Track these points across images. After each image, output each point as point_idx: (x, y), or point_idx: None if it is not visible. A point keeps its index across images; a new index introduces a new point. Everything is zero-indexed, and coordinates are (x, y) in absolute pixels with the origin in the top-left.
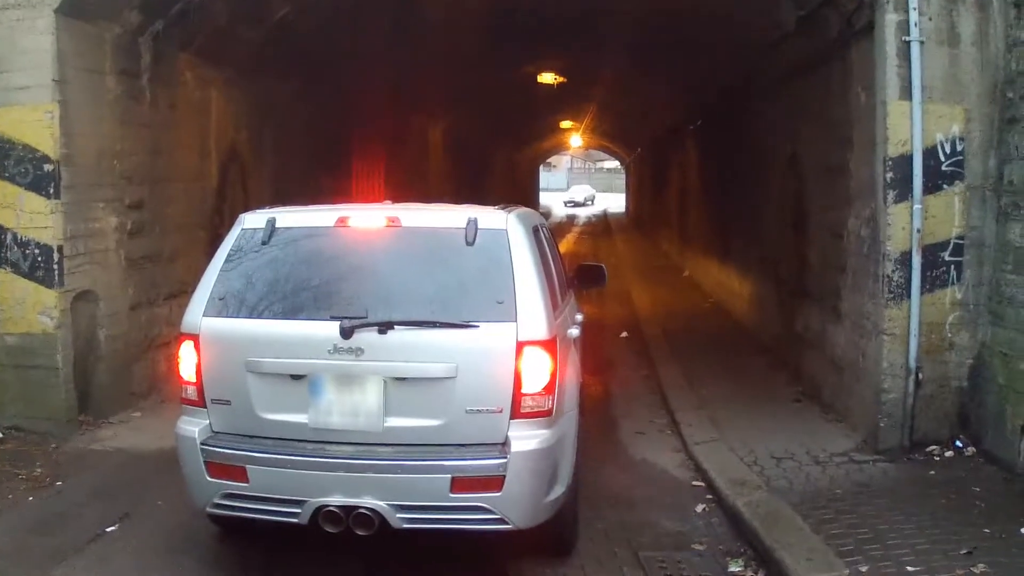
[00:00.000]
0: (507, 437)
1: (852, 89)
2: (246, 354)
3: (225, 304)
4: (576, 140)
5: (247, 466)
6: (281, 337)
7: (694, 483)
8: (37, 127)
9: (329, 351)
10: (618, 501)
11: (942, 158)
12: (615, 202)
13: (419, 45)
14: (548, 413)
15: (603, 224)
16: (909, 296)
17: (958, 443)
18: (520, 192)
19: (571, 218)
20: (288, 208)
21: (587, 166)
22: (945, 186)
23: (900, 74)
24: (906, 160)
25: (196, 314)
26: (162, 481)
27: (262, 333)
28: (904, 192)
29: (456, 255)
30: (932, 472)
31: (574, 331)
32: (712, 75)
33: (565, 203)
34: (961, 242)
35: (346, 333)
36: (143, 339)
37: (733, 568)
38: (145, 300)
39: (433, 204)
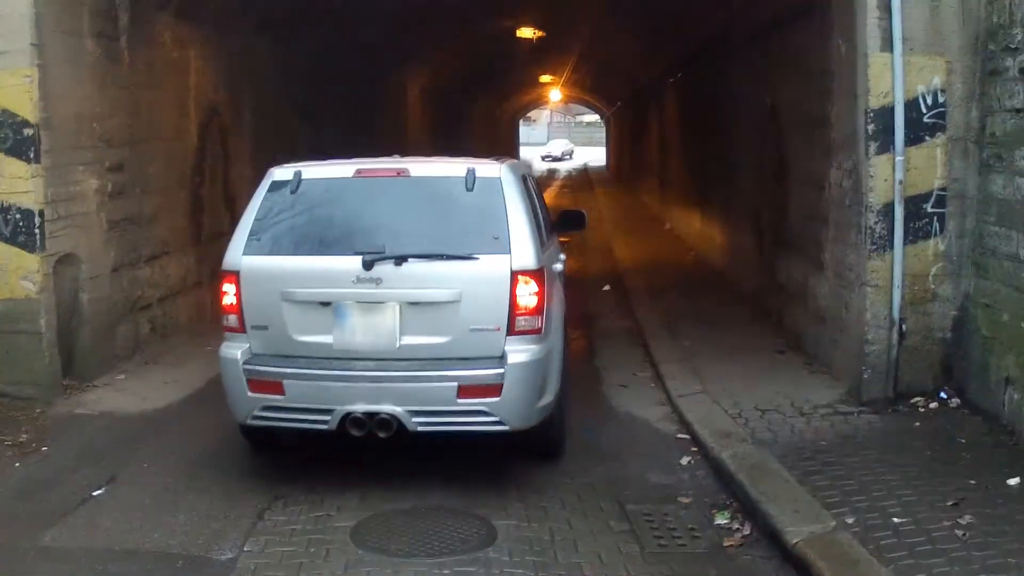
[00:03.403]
0: (504, 351)
1: (832, 41)
2: (281, 286)
3: (261, 245)
4: (556, 94)
5: (283, 381)
6: (311, 270)
7: (679, 436)
8: (16, 92)
9: (352, 281)
10: (603, 454)
11: (924, 110)
12: (595, 156)
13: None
14: (538, 331)
15: (584, 178)
16: (892, 247)
17: (942, 394)
18: (499, 147)
19: (551, 172)
20: (311, 163)
21: (567, 120)
22: (927, 138)
23: (881, 26)
24: (888, 112)
25: (236, 254)
26: (148, 443)
27: (295, 268)
28: (886, 144)
29: (458, 199)
30: (917, 423)
31: (558, 266)
32: (692, 27)
33: (543, 157)
34: (943, 194)
35: (367, 265)
36: (126, 301)
37: (719, 520)
38: (127, 262)
39: (435, 157)
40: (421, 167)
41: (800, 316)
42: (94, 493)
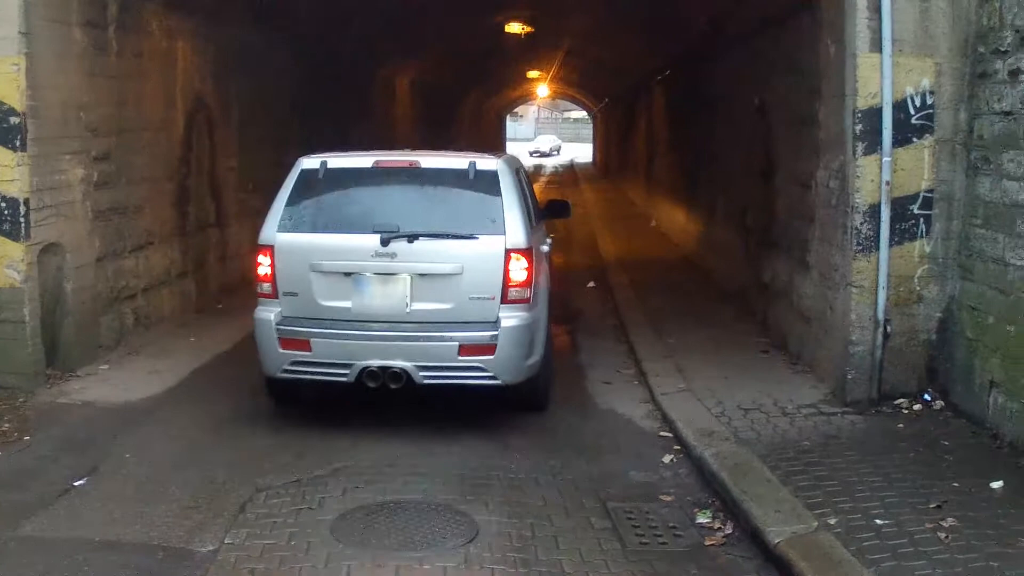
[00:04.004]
0: (498, 317)
1: (822, 40)
2: (309, 258)
3: (293, 223)
4: (543, 90)
5: (311, 339)
6: (336, 246)
7: (661, 434)
8: (3, 80)
9: (371, 255)
10: (585, 451)
11: (912, 111)
12: (582, 152)
13: None
14: (527, 301)
15: (570, 174)
16: (878, 248)
17: (926, 396)
18: (487, 142)
19: (538, 168)
20: (335, 153)
21: (554, 116)
22: (915, 139)
23: (871, 26)
24: (876, 113)
25: (271, 231)
26: (130, 434)
27: (321, 243)
28: (873, 144)
29: (460, 187)
30: (900, 425)
31: (545, 247)
32: (681, 24)
33: (531, 153)
34: (930, 195)
35: (384, 242)
36: (110, 291)
37: (701, 519)
38: (112, 252)
39: (441, 151)
40: (430, 160)
41: (785, 316)
42: (76, 483)
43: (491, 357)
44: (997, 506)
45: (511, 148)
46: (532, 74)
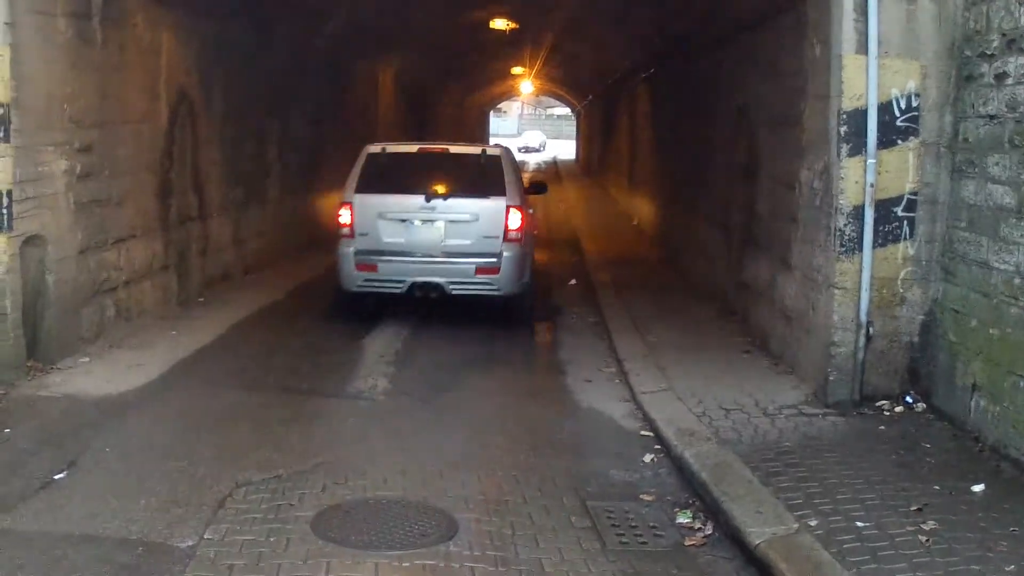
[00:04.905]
0: (500, 249)
1: (807, 41)
2: (377, 210)
3: (365, 187)
4: (527, 86)
5: (377, 264)
6: (395, 201)
7: (642, 433)
8: None
9: (419, 208)
10: (565, 449)
11: (897, 113)
12: (565, 149)
13: None
14: (520, 241)
15: (553, 171)
16: (861, 250)
17: (908, 399)
18: (470, 137)
19: (520, 164)
20: (391, 143)
21: (537, 112)
22: (899, 141)
23: (857, 28)
24: (861, 114)
25: (351, 192)
26: (110, 427)
27: (385, 200)
28: (858, 146)
29: (476, 165)
30: (882, 427)
31: (531, 211)
32: (666, 23)
33: (519, 149)
34: (914, 198)
35: (427, 199)
36: (92, 284)
37: (681, 519)
38: (94, 244)
39: (462, 142)
40: (455, 147)
41: (767, 316)
42: (55, 477)
43: (496, 275)
44: (978, 509)
45: (493, 141)
46: (516, 70)
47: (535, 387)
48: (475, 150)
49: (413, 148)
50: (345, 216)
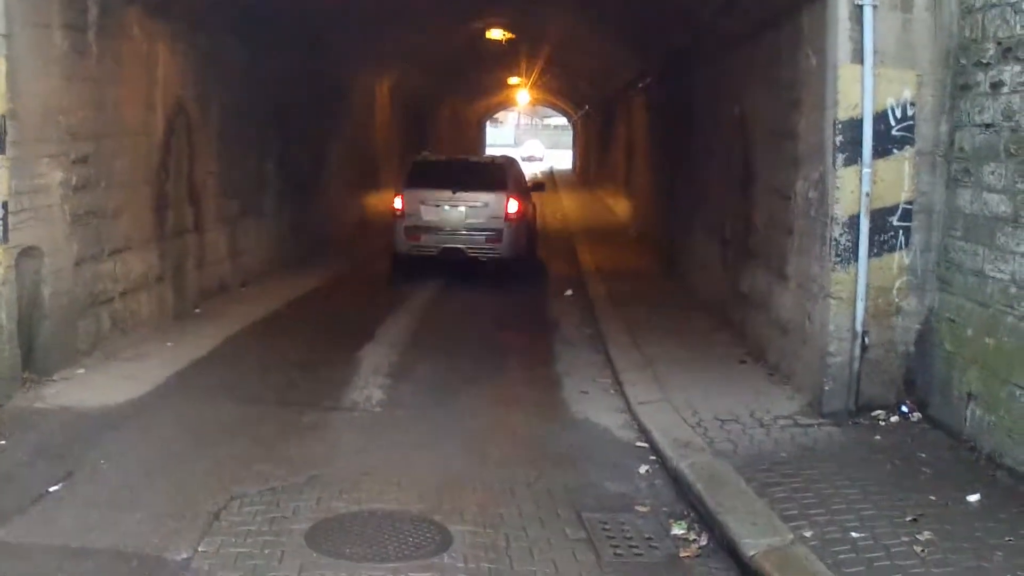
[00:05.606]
0: (502, 226)
1: (802, 52)
2: (420, 198)
3: (411, 183)
4: (524, 96)
5: (420, 235)
6: (432, 192)
7: (638, 444)
8: None
9: (449, 196)
10: (561, 461)
11: (892, 123)
12: (561, 159)
13: (369, 1)
14: (516, 221)
15: (549, 181)
16: (856, 260)
17: (904, 408)
18: (467, 147)
19: None
20: (430, 153)
21: (534, 122)
22: (895, 151)
23: (852, 38)
24: (856, 124)
25: (403, 186)
26: (106, 439)
27: (425, 191)
28: (854, 156)
29: (487, 169)
30: (877, 437)
31: (529, 208)
32: (662, 34)
33: (522, 158)
34: (910, 207)
35: (454, 191)
36: (87, 295)
37: (676, 530)
38: (90, 256)
39: (478, 154)
40: (474, 157)
41: (763, 326)
42: (50, 489)
43: (499, 244)
44: (974, 519)
45: (491, 152)
46: (513, 80)
47: (531, 399)
48: (487, 159)
49: (444, 157)
50: (398, 203)
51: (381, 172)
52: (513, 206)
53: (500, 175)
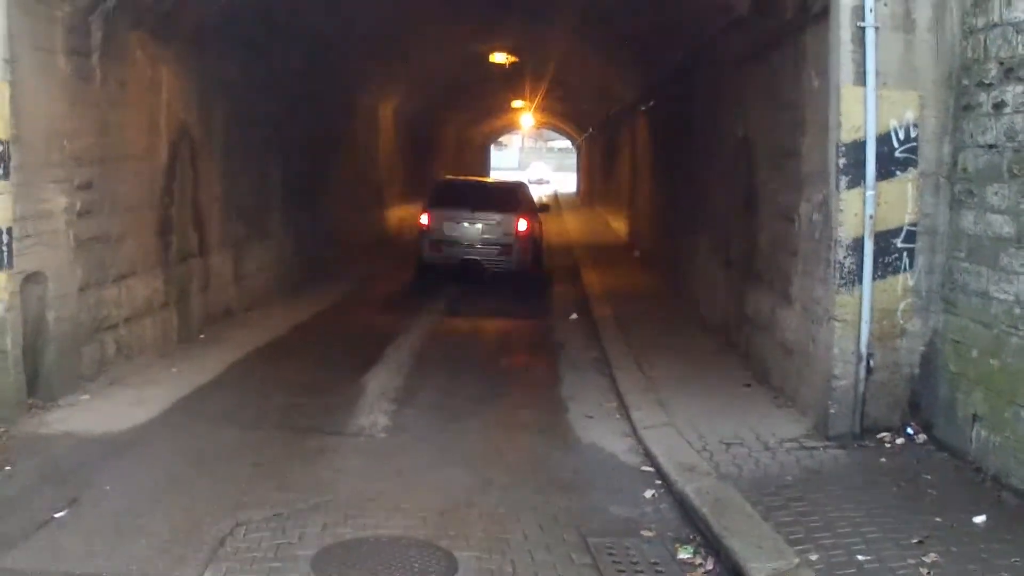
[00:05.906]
0: (513, 241)
1: (805, 73)
2: (443, 215)
3: (436, 202)
4: (528, 119)
5: (442, 248)
6: (453, 211)
7: (643, 468)
8: None
9: (467, 214)
10: (567, 486)
11: (896, 144)
12: (565, 181)
13: (371, 24)
14: (526, 237)
15: (553, 204)
16: (861, 282)
17: (909, 430)
18: (471, 170)
19: None
20: (451, 176)
21: (538, 145)
22: (898, 172)
23: (855, 59)
24: (859, 146)
25: (429, 204)
26: (111, 465)
27: (448, 209)
28: (857, 178)
29: (501, 191)
30: (883, 459)
31: (536, 225)
32: (665, 56)
33: (530, 180)
34: (914, 229)
35: (472, 210)
36: (92, 321)
37: (682, 555)
38: (94, 281)
39: (493, 178)
40: (489, 180)
41: (767, 349)
42: (56, 515)
43: (510, 257)
44: (980, 540)
45: (495, 175)
46: (516, 104)
47: (536, 423)
48: (501, 182)
49: (462, 179)
50: (424, 219)
51: (385, 194)
52: (523, 224)
53: (512, 197)
